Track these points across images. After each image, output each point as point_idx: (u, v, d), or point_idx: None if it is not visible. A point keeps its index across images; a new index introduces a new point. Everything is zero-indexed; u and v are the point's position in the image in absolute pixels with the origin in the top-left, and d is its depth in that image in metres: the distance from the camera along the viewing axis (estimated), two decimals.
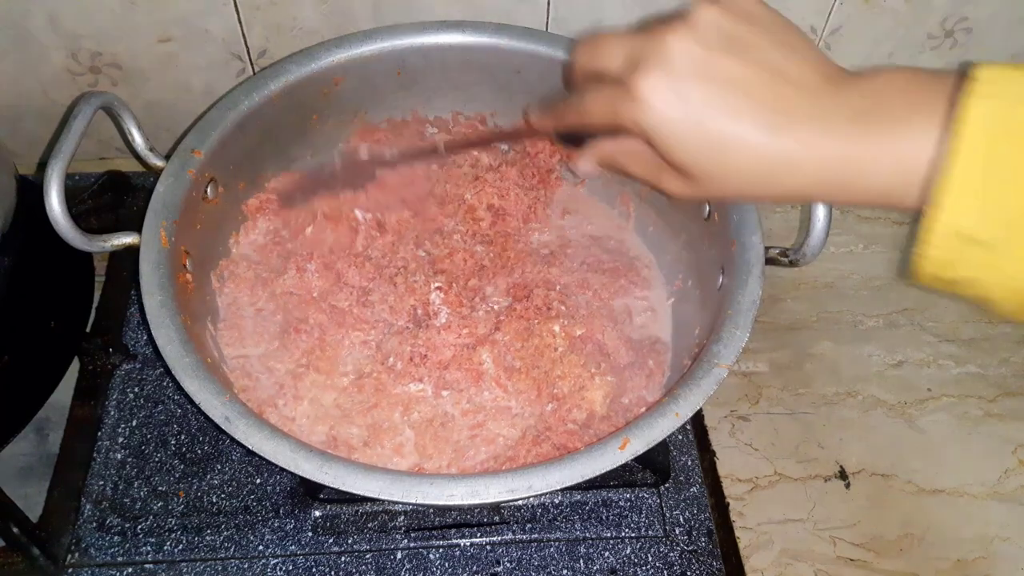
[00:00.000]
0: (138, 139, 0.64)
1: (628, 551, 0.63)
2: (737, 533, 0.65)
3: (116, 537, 0.63)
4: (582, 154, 0.49)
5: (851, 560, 0.64)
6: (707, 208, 0.67)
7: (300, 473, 0.50)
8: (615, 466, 0.51)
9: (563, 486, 0.50)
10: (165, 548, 0.62)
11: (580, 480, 0.51)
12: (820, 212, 0.58)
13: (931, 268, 0.36)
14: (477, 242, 0.74)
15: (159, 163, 0.64)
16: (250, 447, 0.51)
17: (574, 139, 0.50)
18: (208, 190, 0.66)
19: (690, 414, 0.54)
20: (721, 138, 0.38)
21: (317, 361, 0.66)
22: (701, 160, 0.39)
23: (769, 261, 0.61)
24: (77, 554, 0.62)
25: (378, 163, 0.69)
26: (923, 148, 0.34)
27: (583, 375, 0.65)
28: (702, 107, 0.38)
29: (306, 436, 0.62)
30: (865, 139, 0.36)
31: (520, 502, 0.65)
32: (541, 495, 0.63)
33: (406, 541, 0.63)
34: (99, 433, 0.68)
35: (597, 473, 0.51)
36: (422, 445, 0.63)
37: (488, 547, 0.63)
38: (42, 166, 0.83)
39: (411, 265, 0.71)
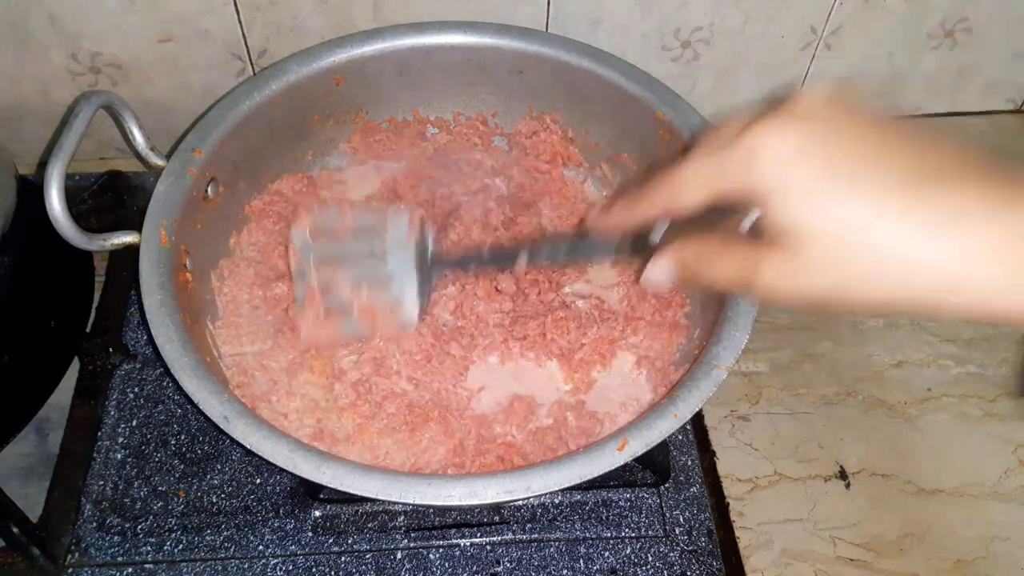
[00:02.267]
0: (139, 138, 0.64)
1: (628, 551, 0.63)
2: (737, 533, 0.65)
3: (116, 537, 0.63)
4: (656, 260, 0.43)
5: (851, 560, 0.64)
6: None
7: (298, 473, 0.50)
8: (614, 467, 0.51)
9: (562, 487, 0.50)
10: (165, 548, 0.62)
11: (579, 481, 0.51)
12: None
13: None
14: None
15: (160, 163, 0.65)
16: (248, 446, 0.52)
17: (638, 245, 0.45)
18: (209, 190, 0.66)
19: (689, 415, 0.54)
20: (866, 213, 0.33)
21: (312, 360, 0.66)
22: (829, 237, 0.34)
23: None
24: (77, 554, 0.62)
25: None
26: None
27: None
28: (837, 157, 0.34)
29: (295, 430, 0.63)
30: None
31: (520, 502, 0.65)
32: (541, 495, 0.64)
33: (406, 541, 0.63)
34: (99, 433, 0.68)
35: (596, 474, 0.51)
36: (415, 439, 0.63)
37: (488, 547, 0.63)
38: (42, 166, 0.83)
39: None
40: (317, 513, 0.64)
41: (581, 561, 0.62)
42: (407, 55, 0.73)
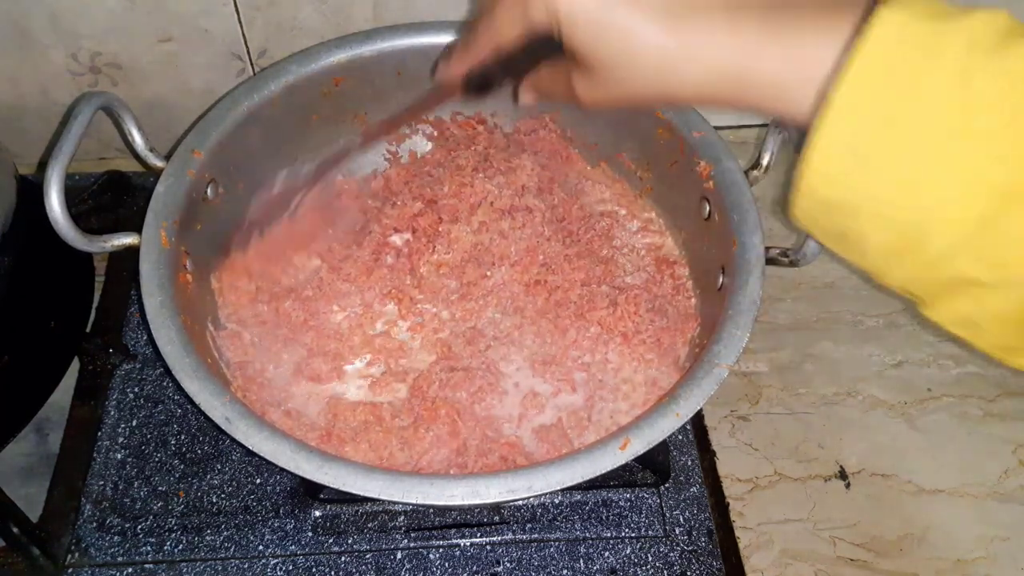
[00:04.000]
0: (138, 139, 0.64)
1: (628, 551, 0.63)
2: (737, 533, 0.65)
3: (116, 537, 0.63)
4: (523, 87, 0.50)
5: (851, 560, 0.64)
6: (707, 208, 0.67)
7: (300, 473, 0.50)
8: (616, 466, 0.51)
9: (563, 486, 0.50)
10: (165, 548, 0.62)
11: (580, 480, 0.51)
12: None
13: (811, 182, 0.35)
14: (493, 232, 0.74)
15: (159, 163, 0.64)
16: (250, 447, 0.51)
17: (482, 85, 0.50)
18: (208, 191, 0.66)
19: (690, 414, 0.54)
20: (624, 27, 0.39)
21: (319, 363, 0.66)
22: (603, 50, 0.40)
23: (770, 261, 0.61)
24: (77, 554, 0.62)
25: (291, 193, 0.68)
26: (827, 54, 0.34)
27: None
28: None
29: (306, 432, 0.63)
30: (770, 38, 0.36)
31: (520, 502, 0.65)
32: (541, 495, 0.64)
33: (406, 541, 0.63)
34: (99, 433, 0.68)
35: (598, 473, 0.51)
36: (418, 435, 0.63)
37: (488, 547, 0.63)
38: (42, 166, 0.83)
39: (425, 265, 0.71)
40: (317, 513, 0.64)
41: (581, 561, 0.62)
42: (406, 55, 0.73)
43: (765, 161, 0.65)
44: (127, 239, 0.60)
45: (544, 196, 0.74)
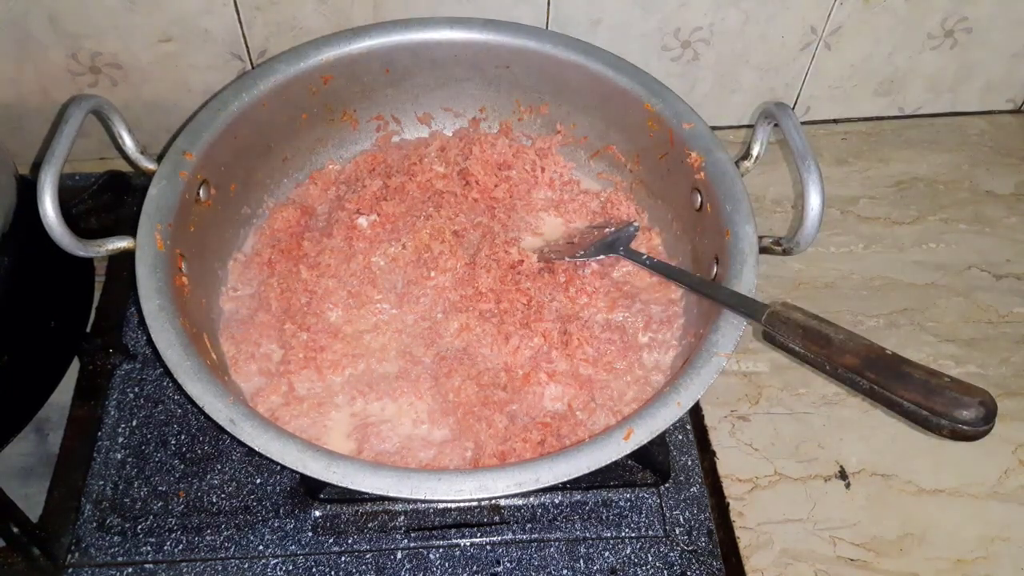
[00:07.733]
0: (128, 142, 0.64)
1: (628, 551, 0.63)
2: (737, 533, 0.65)
3: (116, 537, 0.63)
4: None
5: (851, 560, 0.64)
6: (699, 199, 0.67)
7: (308, 473, 0.50)
8: (621, 455, 0.52)
9: (570, 477, 0.51)
10: (165, 548, 0.62)
11: (586, 471, 0.51)
12: (814, 201, 0.58)
13: None
14: (478, 214, 0.74)
15: (151, 166, 0.64)
16: (256, 448, 0.51)
17: None
18: (200, 192, 0.66)
19: (691, 403, 0.54)
20: None
21: (319, 362, 0.66)
22: None
23: (763, 250, 0.61)
24: (77, 554, 0.62)
25: None
26: None
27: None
28: None
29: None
30: None
31: (520, 502, 0.65)
32: (542, 494, 0.64)
33: (406, 541, 0.63)
34: (99, 433, 0.68)
35: (604, 463, 0.51)
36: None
37: (488, 547, 0.63)
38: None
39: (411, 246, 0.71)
40: (317, 513, 0.64)
41: (581, 561, 0.62)
42: (394, 52, 0.73)
43: (755, 152, 0.65)
44: (122, 243, 0.60)
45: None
